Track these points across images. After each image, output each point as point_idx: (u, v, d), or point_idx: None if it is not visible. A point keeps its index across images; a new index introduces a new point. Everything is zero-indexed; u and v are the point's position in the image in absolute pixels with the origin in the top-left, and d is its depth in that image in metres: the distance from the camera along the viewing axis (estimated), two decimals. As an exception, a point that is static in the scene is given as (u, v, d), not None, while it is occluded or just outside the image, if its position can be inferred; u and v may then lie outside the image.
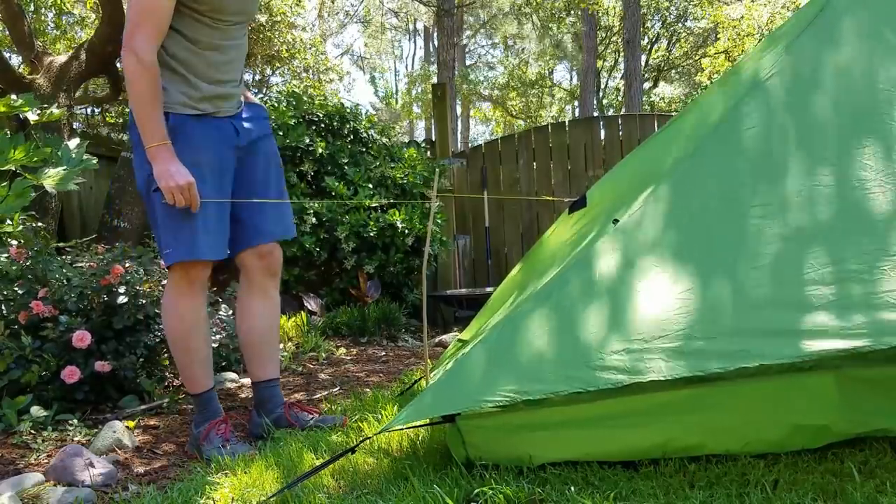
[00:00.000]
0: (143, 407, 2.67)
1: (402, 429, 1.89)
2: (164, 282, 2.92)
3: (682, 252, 1.73)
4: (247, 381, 3.18)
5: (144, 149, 2.04)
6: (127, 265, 2.90)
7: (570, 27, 19.45)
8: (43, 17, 7.30)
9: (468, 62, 23.41)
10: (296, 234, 2.43)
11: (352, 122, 5.20)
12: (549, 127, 6.48)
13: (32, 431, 2.33)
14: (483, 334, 1.89)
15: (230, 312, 3.42)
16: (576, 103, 20.66)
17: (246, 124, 2.28)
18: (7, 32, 5.42)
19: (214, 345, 3.04)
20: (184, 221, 2.08)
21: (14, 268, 2.82)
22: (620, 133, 6.31)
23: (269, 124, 2.41)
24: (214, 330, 3.18)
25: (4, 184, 2.44)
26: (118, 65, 5.26)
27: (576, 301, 1.71)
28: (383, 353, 4.05)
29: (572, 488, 1.55)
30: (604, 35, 18.44)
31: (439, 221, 5.12)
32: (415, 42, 29.95)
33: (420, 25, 24.92)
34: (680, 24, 18.15)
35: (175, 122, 2.08)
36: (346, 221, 4.68)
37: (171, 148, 2.03)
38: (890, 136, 1.82)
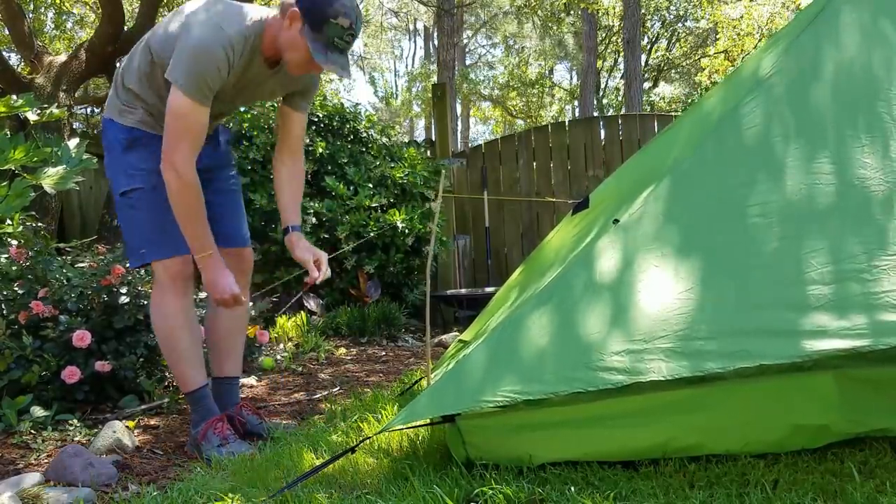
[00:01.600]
0: (143, 407, 2.67)
1: (402, 429, 1.89)
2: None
3: (683, 251, 1.73)
4: (244, 380, 3.18)
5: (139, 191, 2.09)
6: (127, 265, 2.90)
7: (570, 27, 19.45)
8: (42, 17, 7.29)
9: (468, 62, 23.39)
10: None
11: (352, 122, 5.20)
12: (549, 127, 6.48)
13: (32, 431, 2.32)
14: (484, 335, 1.89)
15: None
16: (576, 103, 20.66)
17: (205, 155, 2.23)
18: (7, 32, 5.42)
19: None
20: (163, 222, 2.10)
21: (14, 268, 2.82)
22: (620, 133, 6.30)
23: (231, 152, 2.43)
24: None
25: (4, 184, 2.43)
26: (118, 64, 5.25)
27: (577, 301, 1.71)
28: (383, 353, 4.05)
29: (572, 488, 1.55)
30: (604, 35, 18.44)
31: (439, 221, 5.12)
32: (415, 42, 29.97)
33: (420, 25, 24.92)
34: (680, 24, 18.16)
35: (139, 135, 2.13)
36: (346, 221, 4.68)
37: (218, 258, 2.09)
38: (889, 134, 1.82)
